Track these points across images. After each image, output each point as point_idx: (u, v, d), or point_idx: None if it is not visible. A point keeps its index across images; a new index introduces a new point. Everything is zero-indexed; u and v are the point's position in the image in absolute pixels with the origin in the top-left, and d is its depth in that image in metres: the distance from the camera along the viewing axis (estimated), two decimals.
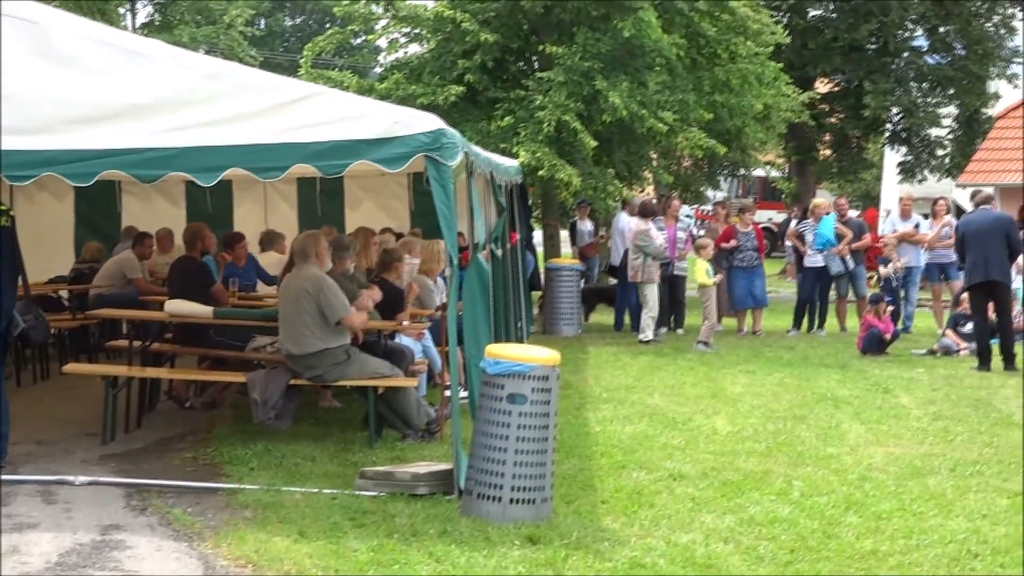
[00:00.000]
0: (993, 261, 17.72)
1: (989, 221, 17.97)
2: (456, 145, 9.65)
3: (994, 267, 17.74)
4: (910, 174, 41.84)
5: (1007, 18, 40.31)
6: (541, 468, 9.05)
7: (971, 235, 17.97)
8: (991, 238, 17.73)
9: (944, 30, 40.09)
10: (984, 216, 18.16)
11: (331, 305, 11.51)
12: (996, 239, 17.73)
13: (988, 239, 17.74)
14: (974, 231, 17.97)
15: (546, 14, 22.85)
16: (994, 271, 17.75)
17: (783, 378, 16.74)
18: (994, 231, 17.79)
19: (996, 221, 18.03)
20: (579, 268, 23.31)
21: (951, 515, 9.59)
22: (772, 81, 26.14)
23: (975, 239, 17.87)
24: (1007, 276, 18.10)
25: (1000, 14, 40.18)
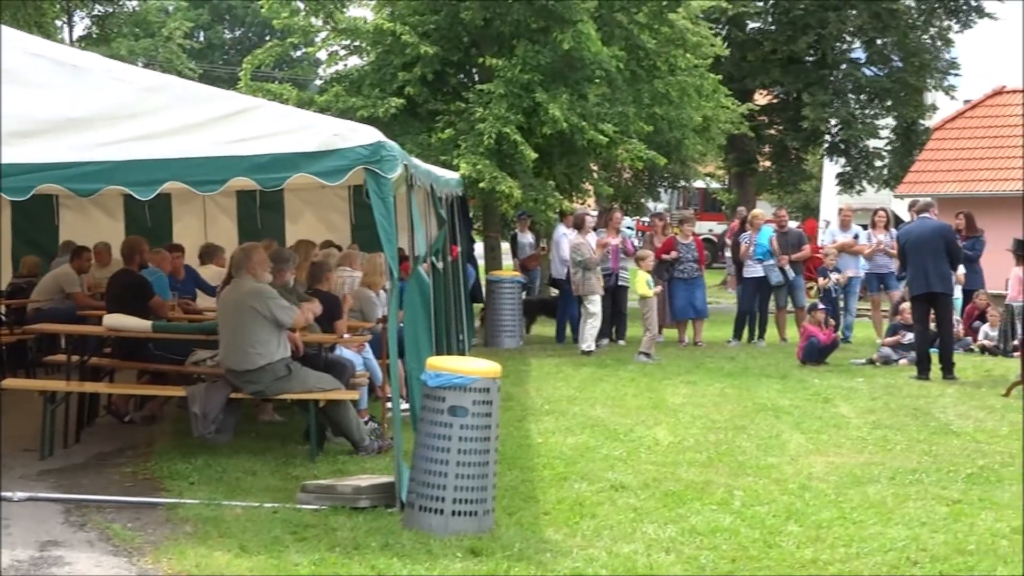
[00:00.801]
0: (933, 272, 17.81)
1: (929, 231, 18.06)
2: (395, 158, 9.63)
3: (934, 278, 17.83)
4: (849, 185, 42.18)
5: (943, 30, 40.70)
6: (483, 480, 9.04)
7: (911, 245, 18.07)
8: (931, 249, 17.82)
9: (881, 42, 40.44)
10: (924, 226, 18.24)
11: (282, 309, 11.48)
12: (936, 249, 17.82)
13: (928, 250, 17.83)
14: (914, 241, 18.06)
15: (486, 27, 22.87)
16: (935, 283, 17.85)
17: (724, 388, 16.80)
18: (934, 241, 17.88)
19: (936, 231, 18.11)
20: (520, 280, 23.31)
21: (891, 523, 9.65)
22: (711, 93, 26.28)
23: (915, 249, 17.97)
24: (948, 287, 18.23)
25: (936, 26, 40.56)
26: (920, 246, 17.96)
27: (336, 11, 24.17)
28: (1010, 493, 10.70)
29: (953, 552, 8.86)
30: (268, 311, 11.43)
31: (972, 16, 40.81)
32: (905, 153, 41.01)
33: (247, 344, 11.43)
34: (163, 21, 56.86)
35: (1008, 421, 14.38)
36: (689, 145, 26.49)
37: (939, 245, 17.90)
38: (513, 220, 26.99)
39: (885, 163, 41.87)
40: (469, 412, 8.95)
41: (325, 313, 12.84)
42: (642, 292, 20.10)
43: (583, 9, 21.87)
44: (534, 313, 24.21)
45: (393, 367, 10.21)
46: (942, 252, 17.95)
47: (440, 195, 15.31)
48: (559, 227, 23.07)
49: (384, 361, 12.77)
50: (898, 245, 19.08)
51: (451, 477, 8.92)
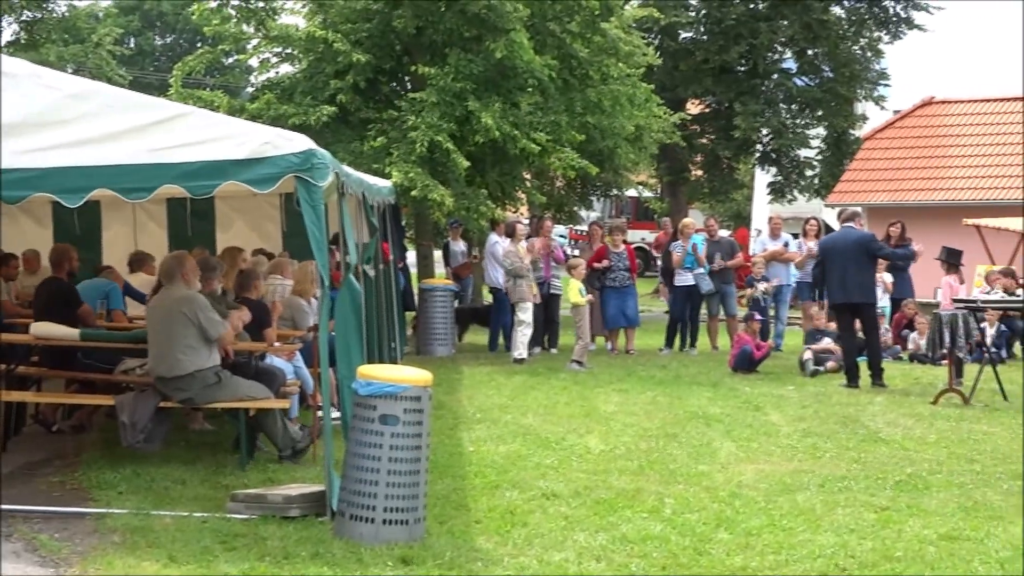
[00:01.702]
0: (853, 283, 17.88)
1: (850, 242, 18.14)
2: (326, 166, 9.60)
3: (854, 289, 17.91)
4: (780, 194, 42.47)
5: (873, 41, 41.08)
6: (414, 489, 9.02)
7: (832, 255, 18.16)
8: (852, 259, 17.92)
9: (812, 53, 40.75)
10: (846, 236, 18.32)
11: (212, 322, 11.42)
12: (857, 259, 17.90)
13: (849, 260, 17.93)
14: (834, 251, 18.15)
15: (418, 35, 22.87)
16: (854, 293, 17.94)
17: (655, 396, 16.85)
18: (855, 251, 17.97)
19: (857, 243, 18.17)
20: (452, 288, 23.31)
21: (820, 530, 9.70)
22: (644, 102, 26.37)
23: (835, 259, 18.05)
24: (869, 295, 18.32)
25: (867, 37, 40.93)
26: (840, 256, 18.05)
27: (268, 18, 24.09)
28: (937, 500, 10.79)
29: (881, 559, 8.92)
30: (198, 320, 11.36)
31: (902, 27, 41.24)
32: (836, 163, 41.32)
33: (177, 351, 11.35)
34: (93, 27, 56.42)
35: (936, 429, 14.50)
36: (621, 154, 26.54)
37: (860, 255, 18.00)
38: (445, 228, 26.98)
39: (816, 172, 42.19)
40: (400, 420, 8.93)
41: (254, 321, 12.78)
42: (574, 300, 20.13)
43: (516, 18, 21.91)
44: (466, 321, 24.21)
45: (324, 375, 10.17)
46: (864, 262, 18.07)
47: (372, 203, 15.28)
48: (492, 235, 23.07)
49: (315, 369, 12.71)
50: (819, 253, 19.16)
51: (382, 486, 8.90)
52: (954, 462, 12.57)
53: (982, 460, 12.67)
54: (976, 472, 12.05)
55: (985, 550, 9.16)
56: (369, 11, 23.08)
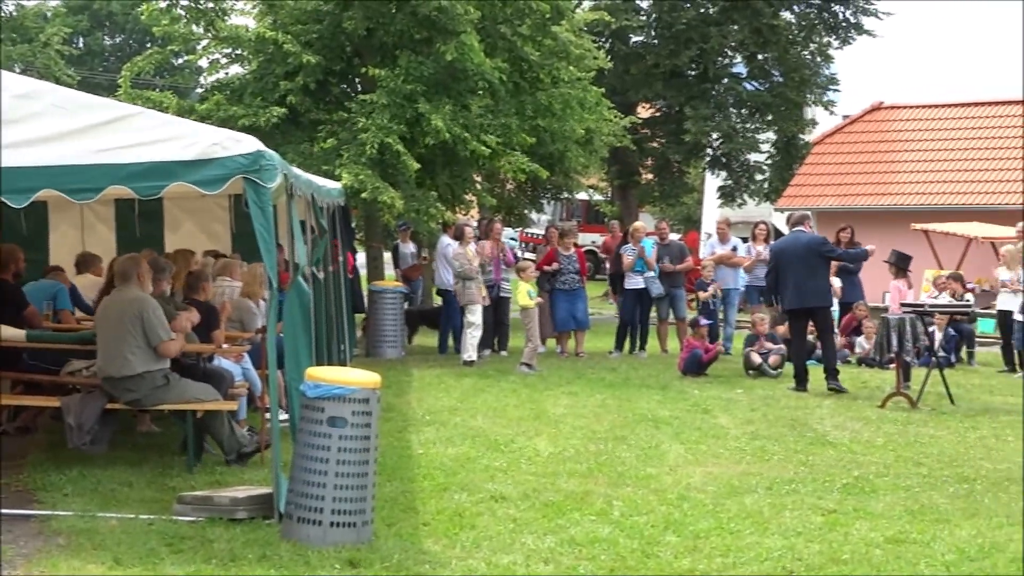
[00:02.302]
0: (807, 287, 17.88)
1: (801, 246, 18.13)
2: (275, 167, 9.56)
3: (809, 293, 17.93)
4: (730, 198, 42.63)
5: (823, 46, 41.30)
6: (362, 491, 9.00)
7: (784, 260, 18.16)
8: (804, 263, 17.93)
9: (763, 57, 40.91)
10: (796, 240, 18.31)
11: (153, 327, 11.36)
12: (809, 263, 17.92)
13: (801, 264, 17.93)
14: (788, 256, 18.14)
15: (369, 37, 22.83)
16: (809, 298, 17.96)
17: (605, 399, 16.88)
18: (807, 255, 17.97)
19: (807, 246, 18.14)
20: (402, 290, 23.28)
21: (767, 533, 9.74)
22: (594, 106, 26.39)
23: (788, 264, 18.05)
24: (825, 298, 18.35)
25: (816, 42, 41.14)
26: (793, 261, 18.04)
27: (217, 19, 23.97)
28: (884, 503, 10.85)
29: (828, 561, 8.96)
30: (143, 322, 11.31)
31: (851, 33, 41.49)
32: (785, 167, 41.53)
33: (127, 351, 11.30)
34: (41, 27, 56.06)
35: (883, 432, 14.59)
36: (572, 157, 26.57)
37: (813, 259, 18.02)
38: (395, 230, 26.94)
39: (766, 177, 42.37)
40: (348, 423, 8.91)
41: (203, 323, 12.73)
42: (523, 303, 20.15)
43: (466, 20, 21.90)
44: (416, 323, 24.18)
45: (272, 377, 10.14)
46: (816, 266, 18.08)
47: (321, 205, 15.24)
48: (443, 237, 23.05)
49: (264, 371, 12.67)
50: (770, 258, 19.16)
51: (330, 488, 8.87)
52: (901, 465, 12.65)
53: (929, 463, 12.76)
54: (923, 475, 12.13)
55: (931, 553, 9.21)
56: (319, 12, 23.02)
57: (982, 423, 15.32)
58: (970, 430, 14.82)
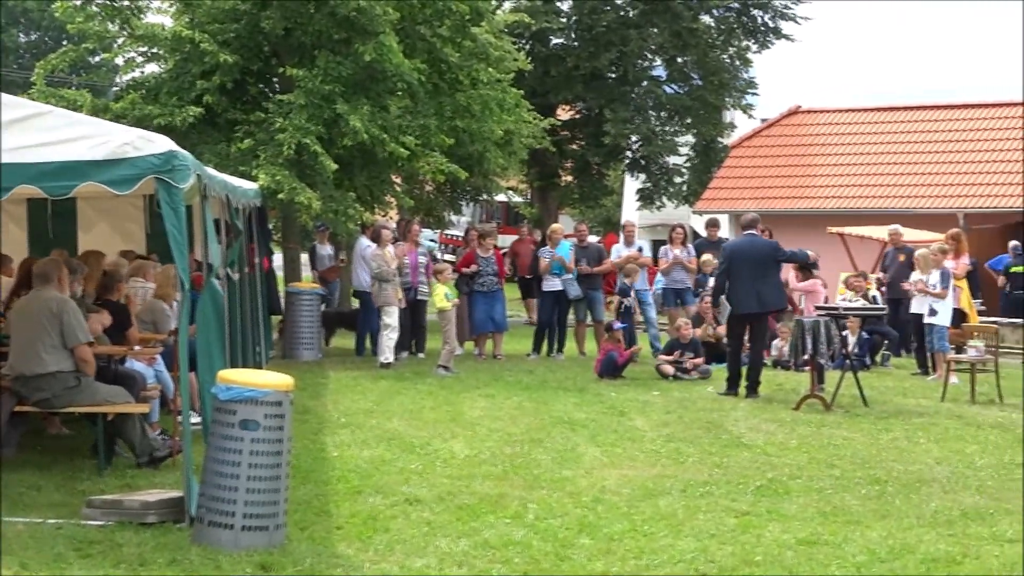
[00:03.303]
0: (764, 292, 17.81)
1: (756, 251, 18.05)
2: (188, 167, 9.48)
3: (767, 298, 17.86)
4: (649, 200, 42.76)
5: (742, 50, 41.57)
6: (274, 495, 8.94)
7: (739, 264, 18.01)
8: (761, 267, 17.83)
9: (682, 60, 41.11)
10: (752, 244, 18.26)
11: (72, 329, 11.27)
12: (765, 268, 17.85)
13: (757, 268, 17.81)
14: (744, 260, 18.00)
15: (287, 37, 22.70)
16: (768, 302, 17.92)
17: (522, 402, 16.87)
18: (762, 260, 17.90)
19: (762, 251, 18.06)
20: (319, 292, 23.17)
21: (681, 535, 9.76)
22: (513, 107, 26.40)
23: (744, 268, 17.91)
24: (781, 302, 18.49)
25: (735, 46, 41.40)
26: (747, 264, 17.90)
27: (133, 17, 23.73)
28: (797, 505, 10.91)
29: (741, 563, 9.00)
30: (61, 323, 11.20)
31: (770, 37, 41.78)
32: (704, 170, 41.73)
33: (42, 350, 11.22)
34: None
35: (797, 434, 14.67)
36: (491, 158, 26.55)
37: (767, 263, 17.92)
38: (313, 231, 26.81)
39: (684, 179, 42.53)
40: (261, 426, 8.86)
41: (115, 324, 12.60)
42: (440, 305, 20.11)
43: (385, 21, 21.83)
44: (333, 325, 24.08)
45: (184, 379, 10.06)
46: (771, 270, 18.02)
47: (237, 206, 15.14)
48: (361, 239, 22.96)
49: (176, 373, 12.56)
50: (722, 260, 18.99)
51: (242, 492, 8.81)
52: (814, 467, 12.73)
53: (841, 465, 12.84)
54: (835, 477, 12.21)
55: (842, 554, 9.27)
56: (237, 11, 22.85)
57: (895, 425, 15.44)
58: (883, 432, 14.93)
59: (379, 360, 20.36)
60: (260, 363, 17.76)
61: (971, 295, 22.04)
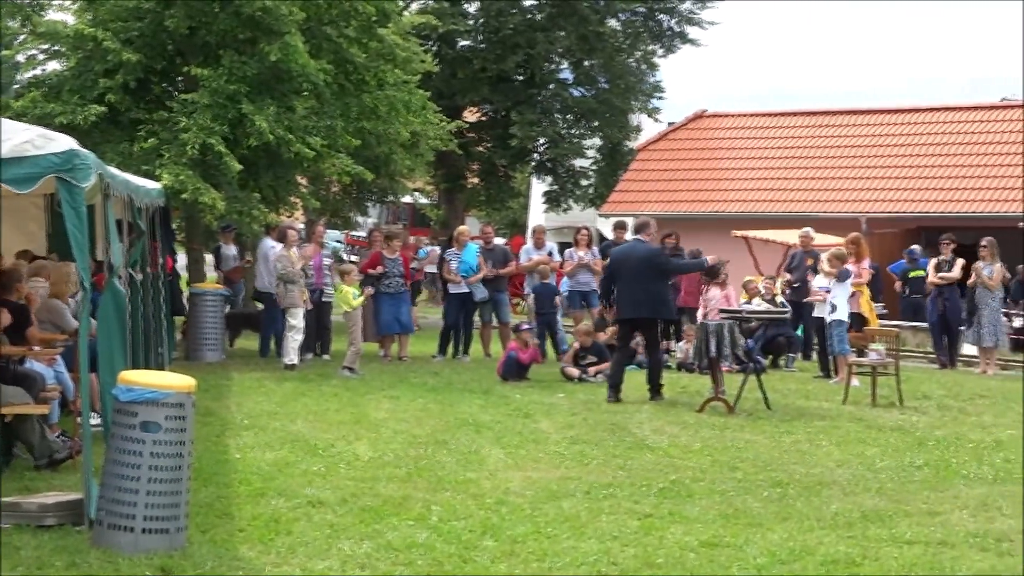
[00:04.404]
0: (641, 298, 17.77)
1: (637, 258, 17.95)
2: (89, 167, 9.37)
3: (642, 304, 17.81)
4: (555, 203, 42.93)
5: (648, 54, 41.84)
6: (175, 497, 8.87)
7: (622, 269, 18.02)
8: (641, 274, 17.71)
9: (589, 64, 41.31)
10: (634, 250, 18.16)
11: None
12: (646, 275, 17.67)
13: (638, 274, 17.71)
14: (625, 265, 17.99)
15: (191, 35, 22.51)
16: (642, 308, 17.86)
17: (427, 403, 16.84)
18: (643, 267, 17.74)
19: (643, 258, 17.88)
20: (224, 293, 23.02)
21: (584, 537, 9.78)
22: (420, 109, 26.40)
23: (625, 273, 17.90)
24: (657, 310, 17.99)
25: (642, 50, 41.65)
26: (629, 270, 17.83)
27: (34, 14, 23.44)
28: (699, 507, 10.96)
29: (643, 565, 9.03)
30: None
31: (676, 42, 42.03)
32: (610, 173, 41.94)
33: None
34: None
35: (700, 437, 14.74)
36: (397, 160, 26.55)
37: (648, 270, 17.70)
38: (218, 232, 26.64)
39: (591, 182, 42.74)
40: (162, 427, 8.79)
41: (15, 324, 12.43)
42: (346, 306, 20.04)
43: (291, 21, 21.72)
44: (237, 326, 23.93)
45: (84, 380, 9.92)
46: (652, 277, 17.73)
47: (140, 206, 14.99)
48: (266, 240, 22.84)
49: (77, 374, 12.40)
50: (608, 264, 19.02)
51: (142, 494, 8.74)
52: (717, 470, 12.80)
53: (744, 468, 12.92)
54: (737, 480, 12.29)
55: (744, 556, 9.33)
56: (140, 10, 22.60)
57: (797, 428, 15.55)
58: (785, 435, 15.04)
59: (283, 362, 20.27)
60: (163, 364, 17.60)
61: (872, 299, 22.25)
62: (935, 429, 15.77)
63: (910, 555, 9.48)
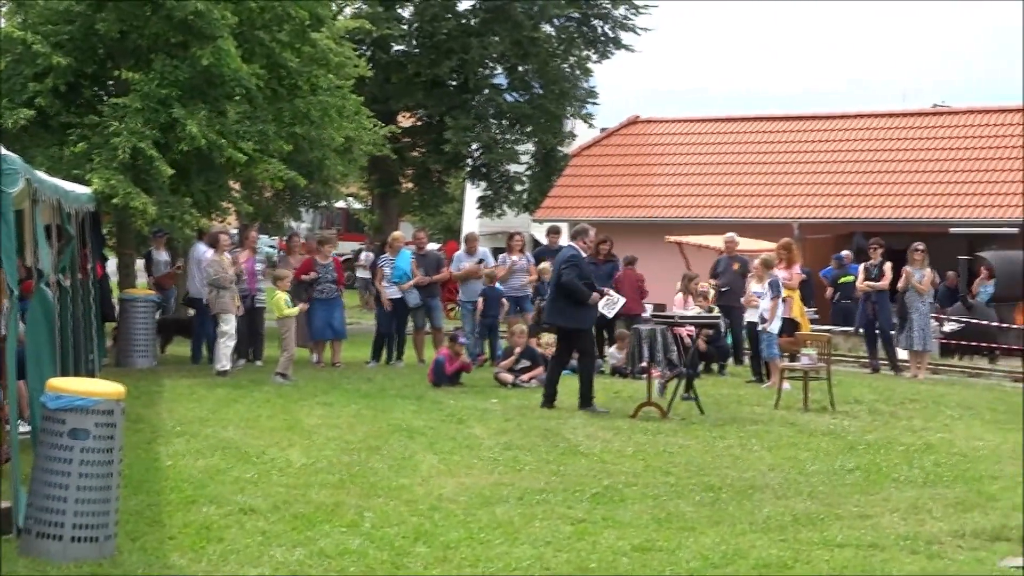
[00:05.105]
0: (556, 305, 17.67)
1: (556, 264, 17.98)
2: (16, 171, 9.28)
3: (556, 311, 17.70)
4: (490, 208, 42.96)
5: (582, 60, 41.88)
6: (105, 505, 8.82)
7: (552, 275, 17.97)
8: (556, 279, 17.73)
9: (523, 69, 41.35)
10: (559, 256, 18.09)
11: None
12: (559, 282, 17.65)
13: (556, 282, 17.68)
14: (553, 271, 17.90)
15: (122, 39, 22.31)
16: (555, 315, 17.78)
17: (360, 409, 16.78)
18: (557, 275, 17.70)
19: (558, 266, 17.76)
20: (155, 299, 22.86)
21: (517, 543, 9.78)
22: (353, 114, 26.28)
23: (552, 280, 17.92)
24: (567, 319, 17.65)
25: (576, 56, 41.70)
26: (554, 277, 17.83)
27: None
28: (632, 512, 11.00)
29: (576, 570, 9.05)
30: None
31: (610, 47, 42.10)
32: (544, 178, 42.01)
33: None
34: None
35: (634, 442, 14.78)
36: (330, 165, 26.39)
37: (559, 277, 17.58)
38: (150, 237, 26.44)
39: (525, 188, 42.78)
40: (91, 435, 8.72)
41: None
42: (279, 312, 19.94)
43: (223, 25, 21.56)
44: (169, 332, 23.78)
45: (11, 387, 9.83)
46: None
47: (69, 211, 14.86)
48: (198, 245, 22.70)
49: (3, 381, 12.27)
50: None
51: (71, 502, 8.69)
52: (650, 474, 12.83)
53: (676, 472, 12.96)
54: (670, 484, 12.32)
55: (676, 560, 9.36)
56: (71, 13, 22.38)
57: (729, 433, 15.62)
58: (718, 439, 15.10)
59: (215, 368, 20.15)
60: (93, 371, 17.46)
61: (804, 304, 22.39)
62: (866, 433, 15.89)
63: (841, 558, 9.55)
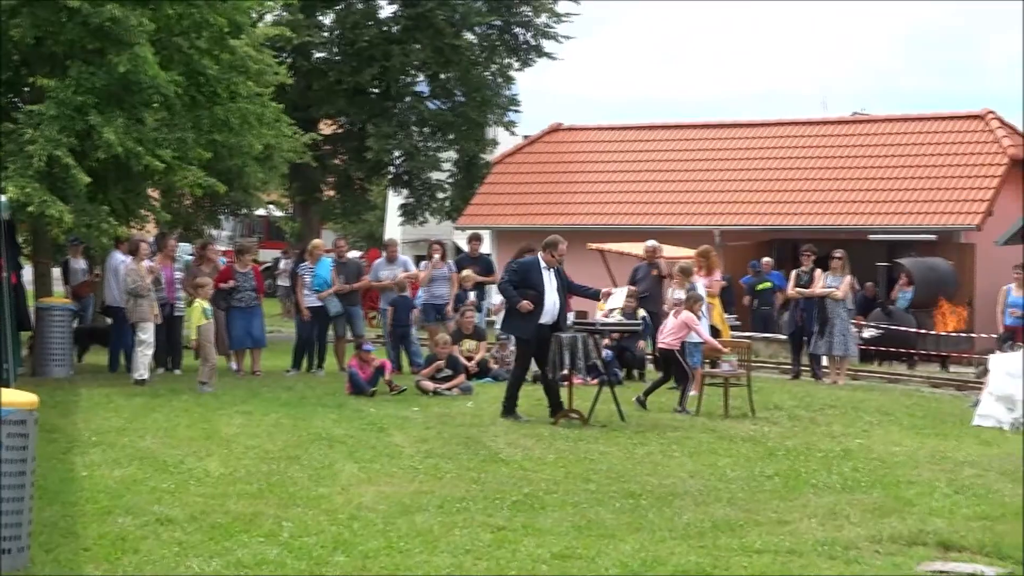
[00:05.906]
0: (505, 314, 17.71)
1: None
2: None
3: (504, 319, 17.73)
4: (412, 216, 42.98)
5: (504, 67, 41.97)
6: (17, 516, 8.70)
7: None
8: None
9: (445, 77, 41.40)
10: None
11: None
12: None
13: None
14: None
15: (38, 45, 22.05)
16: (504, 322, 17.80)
17: (279, 418, 16.67)
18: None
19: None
20: (72, 308, 22.64)
21: (436, 551, 9.74)
22: (273, 121, 26.14)
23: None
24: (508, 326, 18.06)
25: (498, 63, 41.79)
26: None
27: None
28: (552, 519, 10.98)
29: None
30: None
31: (532, 55, 42.20)
32: (466, 186, 42.10)
33: None
34: None
35: (555, 449, 14.77)
36: (250, 173, 26.26)
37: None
38: (67, 245, 26.19)
39: (447, 195, 42.81)
40: (3, 445, 8.58)
41: None
42: (198, 321, 19.79)
43: (141, 32, 21.35)
44: (86, 341, 23.57)
45: None
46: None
47: None
48: (115, 253, 22.50)
49: None
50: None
51: None
52: (570, 482, 12.82)
53: (597, 479, 12.97)
54: (591, 491, 12.32)
55: (596, 568, 9.36)
56: None
57: (650, 439, 15.64)
58: (638, 446, 15.12)
59: (133, 377, 19.98)
60: (8, 380, 17.25)
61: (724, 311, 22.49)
62: (786, 439, 15.99)
63: (760, 564, 9.58)
